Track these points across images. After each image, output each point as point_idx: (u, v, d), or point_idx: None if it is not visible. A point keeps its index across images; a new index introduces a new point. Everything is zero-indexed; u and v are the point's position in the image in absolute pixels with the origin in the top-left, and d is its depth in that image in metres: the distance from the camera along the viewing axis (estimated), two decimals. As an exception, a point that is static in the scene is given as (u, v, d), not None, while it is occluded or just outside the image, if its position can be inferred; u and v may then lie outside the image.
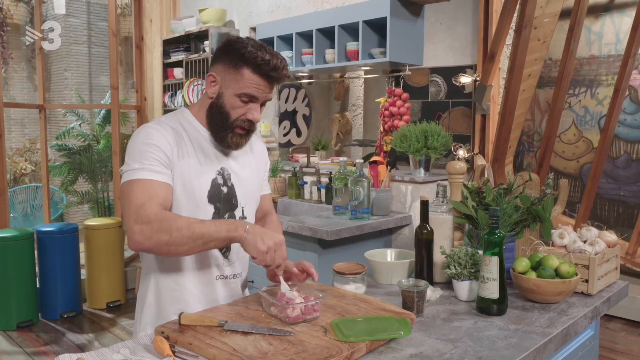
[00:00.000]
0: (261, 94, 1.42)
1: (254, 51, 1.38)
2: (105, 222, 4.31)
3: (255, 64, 1.38)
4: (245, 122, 1.44)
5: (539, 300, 1.52)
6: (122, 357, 1.18)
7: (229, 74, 1.41)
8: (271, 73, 1.40)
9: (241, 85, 1.40)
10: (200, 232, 1.29)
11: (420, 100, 3.82)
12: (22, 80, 6.56)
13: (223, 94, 1.42)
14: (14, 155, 6.37)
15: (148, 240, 1.28)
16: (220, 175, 1.49)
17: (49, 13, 6.64)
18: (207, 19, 4.11)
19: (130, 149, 1.40)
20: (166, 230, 1.27)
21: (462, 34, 3.12)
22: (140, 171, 1.35)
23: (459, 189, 1.90)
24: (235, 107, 1.42)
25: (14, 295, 3.80)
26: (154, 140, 1.38)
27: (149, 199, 1.32)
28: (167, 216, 1.30)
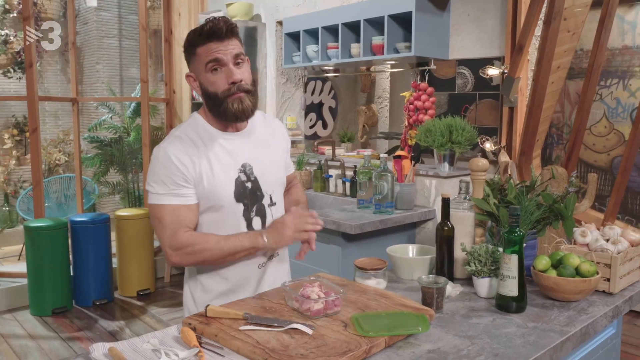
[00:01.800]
0: (220, 54, 1.45)
1: (193, 31, 1.48)
2: (136, 213, 4.42)
3: (197, 37, 1.46)
4: (232, 87, 1.47)
5: (559, 299, 1.53)
6: (152, 346, 1.24)
7: (194, 63, 1.50)
8: (211, 31, 1.44)
9: (202, 61, 1.46)
10: (227, 250, 1.47)
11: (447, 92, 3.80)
12: (55, 73, 6.73)
13: (201, 82, 1.49)
14: (48, 146, 6.56)
15: (183, 262, 1.49)
16: (242, 172, 1.55)
17: (82, 7, 6.78)
18: (234, 13, 4.16)
19: (153, 169, 1.49)
20: (198, 252, 1.46)
21: (490, 25, 3.08)
22: (167, 197, 1.47)
23: (481, 186, 1.91)
24: (213, 82, 1.47)
25: (49, 282, 3.95)
26: (173, 161, 1.46)
27: (179, 225, 1.46)
28: (196, 240, 1.46)
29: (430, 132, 2.95)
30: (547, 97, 3.35)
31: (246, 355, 1.17)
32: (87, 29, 6.72)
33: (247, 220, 1.56)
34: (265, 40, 4.27)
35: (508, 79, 3.51)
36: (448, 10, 3.14)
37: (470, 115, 3.22)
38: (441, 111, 3.28)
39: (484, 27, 3.06)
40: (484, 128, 3.25)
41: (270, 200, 1.61)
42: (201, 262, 1.51)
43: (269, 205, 1.61)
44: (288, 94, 4.30)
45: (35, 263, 3.91)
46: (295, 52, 3.84)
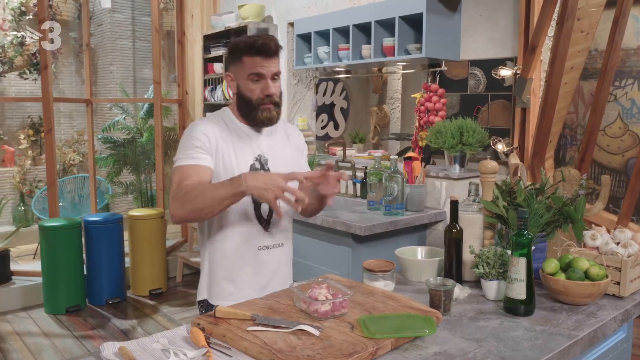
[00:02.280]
0: (264, 69, 1.64)
1: (244, 40, 1.66)
2: (148, 213, 4.47)
3: (247, 48, 1.64)
4: (266, 98, 1.66)
5: (567, 302, 1.53)
6: (161, 346, 1.25)
7: (237, 68, 1.68)
8: (262, 48, 1.63)
9: (246, 70, 1.65)
10: (211, 196, 1.53)
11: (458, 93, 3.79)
12: (70, 75, 6.81)
13: (239, 84, 1.69)
14: (63, 146, 6.64)
15: (179, 212, 1.57)
16: (257, 161, 1.72)
17: (96, 9, 6.86)
18: (246, 15, 4.18)
19: (182, 141, 1.68)
20: (188, 200, 1.54)
21: (502, 25, 3.07)
22: (182, 160, 1.64)
23: (490, 189, 1.90)
24: (251, 89, 1.66)
25: (63, 281, 4.01)
26: (197, 131, 1.66)
27: (182, 180, 1.60)
28: (187, 189, 1.56)
29: (440, 134, 2.94)
30: (560, 98, 3.32)
31: (253, 356, 1.18)
32: (101, 31, 6.79)
33: (254, 203, 1.71)
34: (276, 42, 4.29)
35: (520, 79, 3.49)
36: (459, 11, 3.13)
37: (483, 116, 3.21)
38: (453, 112, 3.27)
39: (497, 27, 3.05)
40: (496, 129, 3.23)
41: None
42: (192, 211, 1.54)
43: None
44: (299, 95, 4.31)
45: (49, 262, 3.97)
46: (306, 54, 3.85)
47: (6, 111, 6.54)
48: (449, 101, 3.27)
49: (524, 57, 3.42)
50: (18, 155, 6.48)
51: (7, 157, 6.40)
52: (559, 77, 3.19)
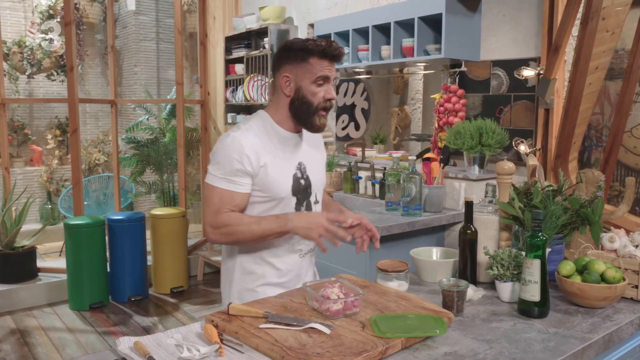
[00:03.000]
0: (330, 73, 1.63)
1: (313, 42, 1.61)
2: (170, 212, 4.53)
3: (318, 51, 1.60)
4: (327, 102, 1.66)
5: (583, 305, 1.51)
6: (175, 342, 1.28)
7: (300, 68, 1.62)
8: (335, 53, 1.62)
9: (314, 72, 1.61)
10: (258, 232, 1.57)
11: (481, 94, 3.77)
12: (96, 76, 6.95)
13: (301, 86, 1.63)
14: (88, 146, 6.78)
15: (219, 240, 1.62)
16: (298, 169, 1.72)
17: (122, 11, 6.98)
18: (267, 16, 4.22)
19: (217, 152, 1.63)
20: (232, 233, 1.58)
21: (526, 25, 3.04)
22: (221, 180, 1.60)
23: (507, 190, 1.89)
24: (315, 93, 1.63)
25: (87, 278, 4.09)
26: (238, 150, 1.59)
27: (222, 207, 1.59)
28: (232, 221, 1.58)
29: (459, 135, 2.93)
30: (585, 99, 3.27)
31: (264, 353, 1.20)
32: (126, 33, 6.91)
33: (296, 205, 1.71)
34: (297, 43, 4.31)
35: (544, 80, 3.45)
36: (479, 12, 3.11)
37: (505, 117, 3.18)
38: (475, 113, 3.25)
39: (520, 27, 3.02)
40: (518, 130, 3.20)
41: (315, 198, 1.76)
42: (235, 242, 1.63)
43: (314, 203, 1.76)
44: (319, 95, 4.32)
45: (74, 259, 4.06)
46: (326, 55, 3.86)
47: (35, 112, 6.70)
48: (470, 102, 3.25)
49: (547, 57, 3.38)
50: (45, 155, 6.63)
51: (35, 156, 6.56)
52: (583, 77, 3.15)
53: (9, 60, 6.15)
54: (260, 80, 4.35)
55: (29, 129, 6.61)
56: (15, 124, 6.46)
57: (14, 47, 6.10)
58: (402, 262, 1.68)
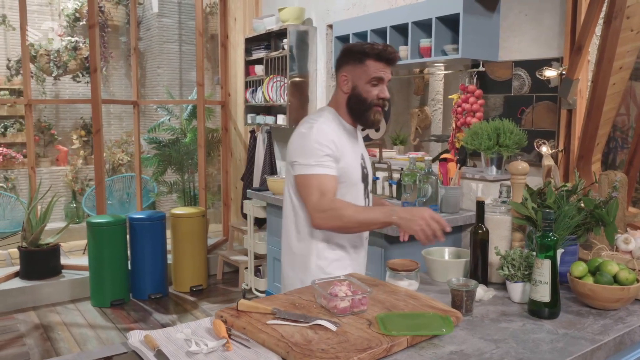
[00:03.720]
0: (385, 74, 1.80)
1: (370, 46, 1.78)
2: (190, 211, 4.59)
3: (375, 53, 1.77)
4: (380, 101, 1.81)
5: (595, 306, 1.49)
6: (185, 336, 1.31)
7: (357, 69, 1.79)
8: (390, 56, 1.78)
9: (369, 73, 1.78)
10: (364, 220, 1.66)
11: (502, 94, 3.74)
12: (120, 77, 7.08)
13: (357, 85, 1.80)
14: (112, 146, 6.90)
15: (325, 225, 1.70)
16: (362, 160, 1.90)
17: (146, 13, 7.10)
18: (286, 18, 4.24)
19: (304, 145, 1.75)
20: (339, 217, 1.66)
21: (548, 25, 3.00)
22: (316, 167, 1.72)
23: (521, 190, 1.88)
24: (369, 91, 1.79)
25: (108, 275, 4.17)
26: (324, 138, 1.74)
27: (325, 191, 1.70)
28: (338, 205, 1.67)
29: (477, 135, 2.91)
30: (608, 100, 3.21)
31: (270, 348, 1.22)
32: (149, 35, 7.03)
33: (364, 200, 1.90)
34: (316, 44, 4.33)
35: (566, 80, 3.40)
36: (498, 11, 3.08)
37: (527, 118, 3.15)
38: (497, 114, 3.22)
39: (542, 27, 2.99)
40: (540, 131, 3.17)
41: (370, 188, 1.96)
42: (339, 227, 1.69)
43: (370, 192, 1.95)
44: (338, 96, 4.33)
45: (96, 257, 4.14)
46: (344, 55, 3.87)
47: (60, 113, 6.86)
48: (492, 103, 3.22)
49: (570, 57, 3.33)
50: (71, 155, 6.78)
51: (60, 156, 6.71)
52: (607, 77, 3.10)
53: (36, 63, 6.30)
54: (279, 81, 4.37)
55: (55, 129, 6.76)
56: (42, 125, 6.62)
57: (41, 50, 6.26)
58: (412, 262, 1.68)
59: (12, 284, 4.22)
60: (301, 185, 1.75)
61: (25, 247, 4.33)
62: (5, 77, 6.36)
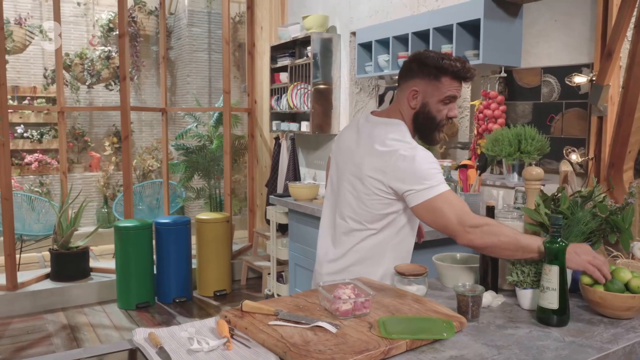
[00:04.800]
0: (458, 93, 1.71)
1: (448, 62, 1.65)
2: (215, 217, 4.65)
3: (452, 71, 1.66)
4: (447, 120, 1.73)
5: (607, 315, 1.45)
6: (189, 335, 1.33)
7: (430, 85, 1.68)
8: (467, 75, 1.68)
9: (443, 91, 1.68)
10: (523, 244, 1.50)
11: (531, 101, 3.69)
12: (151, 86, 7.24)
13: (428, 102, 1.69)
14: (143, 153, 7.06)
15: (479, 240, 1.54)
16: None
17: (177, 24, 7.26)
18: (310, 25, 4.28)
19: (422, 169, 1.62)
20: (495, 234, 1.52)
21: (578, 30, 2.95)
22: (443, 185, 1.62)
23: (535, 196, 1.85)
24: (440, 110, 1.70)
25: (134, 279, 4.26)
26: (434, 158, 1.67)
27: (464, 206, 1.60)
28: (491, 222, 1.56)
29: (497, 142, 2.87)
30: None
31: (269, 348, 1.23)
32: (180, 44, 7.18)
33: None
34: (340, 52, 4.36)
35: (596, 86, 3.32)
36: (520, 16, 3.05)
37: (556, 125, 3.09)
38: (525, 121, 3.17)
39: (572, 32, 2.94)
40: (570, 139, 3.11)
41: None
42: (491, 246, 1.53)
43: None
44: (361, 103, 4.35)
45: (122, 260, 4.23)
46: (367, 62, 3.89)
47: (94, 120, 7.05)
48: (520, 110, 3.18)
49: (600, 63, 3.26)
50: (103, 161, 6.96)
51: (93, 162, 6.89)
52: (638, 83, 3.02)
53: (71, 71, 6.51)
54: (303, 89, 4.41)
55: (89, 136, 6.96)
56: (76, 132, 6.82)
57: (76, 59, 6.46)
58: (420, 266, 1.67)
59: (43, 285, 4.36)
60: (438, 206, 1.59)
61: (56, 249, 4.46)
62: (42, 86, 6.59)
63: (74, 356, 1.26)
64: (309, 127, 4.35)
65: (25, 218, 5.81)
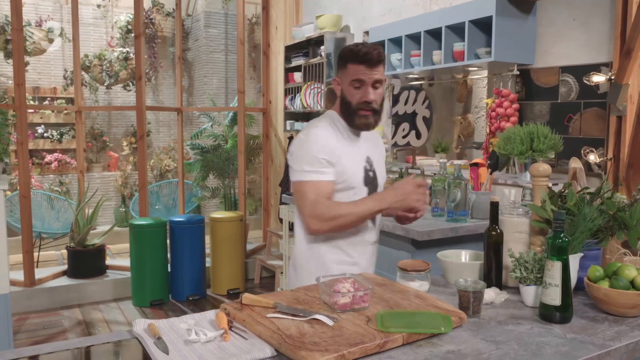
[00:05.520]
0: (366, 76, 1.74)
1: (350, 48, 1.77)
2: (229, 216, 4.68)
3: (351, 55, 1.76)
4: (363, 104, 1.77)
5: (611, 312, 1.43)
6: (188, 326, 1.34)
7: (342, 73, 1.81)
8: (364, 57, 1.73)
9: (349, 75, 1.77)
10: (360, 214, 1.71)
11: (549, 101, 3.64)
12: (169, 87, 7.32)
13: (343, 89, 1.81)
14: (160, 153, 7.14)
15: (323, 229, 1.73)
16: (367, 162, 1.87)
17: (194, 26, 7.33)
18: (323, 25, 4.29)
19: (301, 151, 1.77)
20: (335, 218, 1.70)
21: (598, 29, 2.90)
22: (311, 174, 1.74)
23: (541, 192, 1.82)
24: (352, 94, 1.77)
25: (149, 276, 4.30)
26: (319, 143, 1.76)
27: (319, 197, 1.72)
28: (332, 208, 1.70)
29: (509, 140, 2.84)
30: (659, 105, 3.07)
31: (265, 340, 1.23)
32: (197, 45, 7.25)
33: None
34: (353, 51, 4.35)
35: (615, 85, 3.26)
36: (534, 14, 3.01)
37: (574, 125, 3.05)
38: (543, 121, 3.14)
39: (591, 31, 2.89)
40: (589, 139, 3.06)
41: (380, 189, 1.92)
42: (338, 227, 1.73)
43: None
44: (374, 102, 4.33)
45: (137, 258, 4.28)
46: (380, 61, 3.87)
47: (113, 120, 7.16)
48: (538, 110, 3.15)
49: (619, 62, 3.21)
50: (121, 161, 7.05)
51: (112, 162, 6.99)
52: (658, 82, 2.97)
53: (90, 72, 6.61)
54: (316, 88, 4.42)
55: (107, 136, 7.06)
56: (94, 132, 6.93)
57: (95, 60, 6.56)
58: (423, 262, 1.66)
59: (60, 281, 4.43)
60: (297, 192, 1.78)
61: (73, 247, 4.53)
62: (62, 87, 6.71)
63: (75, 345, 1.28)
64: (322, 127, 4.35)
65: (44, 216, 5.92)
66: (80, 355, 1.26)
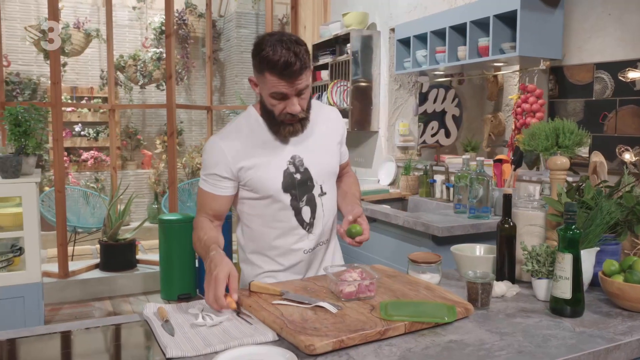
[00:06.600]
0: (288, 89, 1.47)
1: (269, 54, 1.42)
2: (255, 212, 4.72)
3: (270, 66, 1.43)
4: (287, 116, 1.53)
5: (626, 307, 1.39)
6: (196, 311, 1.37)
7: (259, 78, 1.51)
8: (285, 71, 1.43)
9: (269, 87, 1.48)
10: (197, 248, 1.64)
11: (582, 99, 3.55)
12: (202, 86, 7.45)
13: (262, 95, 1.54)
14: (192, 151, 7.27)
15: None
16: (291, 164, 1.60)
17: (225, 26, 7.44)
18: (350, 23, 4.29)
19: (203, 156, 1.63)
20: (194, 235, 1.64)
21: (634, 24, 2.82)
22: (205, 183, 1.62)
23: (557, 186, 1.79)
24: (274, 105, 1.51)
25: (177, 270, 4.38)
26: (217, 155, 1.57)
27: (202, 208, 1.64)
28: (197, 226, 1.62)
29: (534, 136, 2.78)
30: (696, 101, 2.96)
31: (269, 325, 1.25)
32: (229, 45, 7.35)
33: (295, 210, 1.61)
34: (379, 48, 4.34)
35: (652, 81, 3.17)
36: (561, 7, 2.95)
37: (609, 123, 2.97)
38: (577, 119, 3.07)
39: (627, 26, 2.82)
40: (624, 137, 2.98)
41: (320, 190, 1.65)
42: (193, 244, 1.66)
43: (320, 195, 1.65)
44: (401, 100, 4.32)
45: (166, 253, 4.37)
46: (406, 58, 3.86)
47: (147, 119, 7.33)
48: (571, 108, 3.08)
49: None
50: (154, 159, 7.21)
51: (145, 160, 7.16)
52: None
53: (125, 72, 6.79)
54: (342, 86, 4.42)
55: (141, 135, 7.23)
56: (129, 130, 7.11)
57: (130, 61, 6.74)
58: (434, 255, 1.65)
59: (92, 274, 4.56)
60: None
61: (105, 241, 4.66)
62: (98, 87, 6.91)
63: (86, 325, 1.33)
64: (348, 124, 4.35)
65: (80, 212, 6.10)
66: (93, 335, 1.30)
